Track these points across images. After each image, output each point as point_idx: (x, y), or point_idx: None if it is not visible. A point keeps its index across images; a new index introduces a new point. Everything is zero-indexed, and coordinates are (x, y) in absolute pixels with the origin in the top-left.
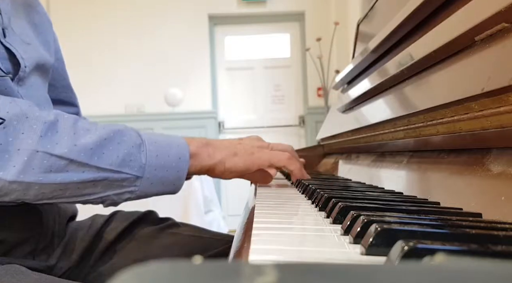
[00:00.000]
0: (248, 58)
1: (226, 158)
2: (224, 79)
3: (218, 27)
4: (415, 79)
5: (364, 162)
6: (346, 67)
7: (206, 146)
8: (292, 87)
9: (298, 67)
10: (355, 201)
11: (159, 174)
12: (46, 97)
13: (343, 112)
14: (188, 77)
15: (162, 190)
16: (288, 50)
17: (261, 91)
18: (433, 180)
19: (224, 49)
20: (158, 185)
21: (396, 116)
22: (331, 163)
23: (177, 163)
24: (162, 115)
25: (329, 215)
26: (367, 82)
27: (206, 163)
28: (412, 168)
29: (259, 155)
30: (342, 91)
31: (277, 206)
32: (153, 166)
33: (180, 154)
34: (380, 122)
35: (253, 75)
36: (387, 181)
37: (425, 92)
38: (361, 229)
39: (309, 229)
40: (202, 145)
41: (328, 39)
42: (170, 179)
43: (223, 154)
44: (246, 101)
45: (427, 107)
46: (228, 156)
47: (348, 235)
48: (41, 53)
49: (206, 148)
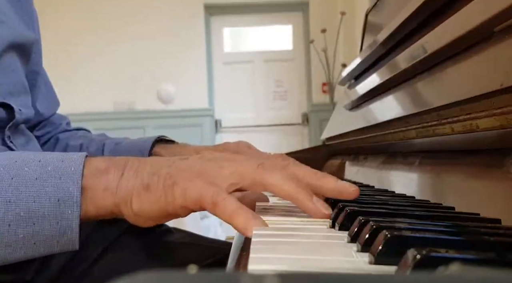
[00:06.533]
0: (248, 51)
1: (134, 192)
2: (221, 74)
3: (215, 17)
4: (428, 74)
5: (373, 163)
6: (353, 61)
7: (105, 171)
8: (295, 83)
9: (301, 61)
10: (363, 205)
11: (19, 230)
12: (23, 84)
13: (350, 110)
14: (182, 72)
15: (34, 253)
16: (290, 42)
17: (261, 87)
18: (448, 183)
19: (222, 42)
20: (23, 247)
21: (407, 114)
22: (337, 164)
23: (55, 208)
24: (154, 113)
25: (335, 221)
26: (376, 77)
27: (102, 203)
28: (424, 170)
29: (178, 189)
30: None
31: (279, 211)
32: (6, 221)
33: (61, 191)
34: (390, 120)
35: (252, 69)
36: (398, 184)
37: (439, 88)
38: (369, 236)
39: (313, 236)
40: (100, 170)
41: (334, 30)
42: (46, 235)
43: (131, 184)
44: (245, 98)
45: (441, 104)
46: (137, 189)
47: (355, 242)
48: (19, 31)
49: (104, 176)
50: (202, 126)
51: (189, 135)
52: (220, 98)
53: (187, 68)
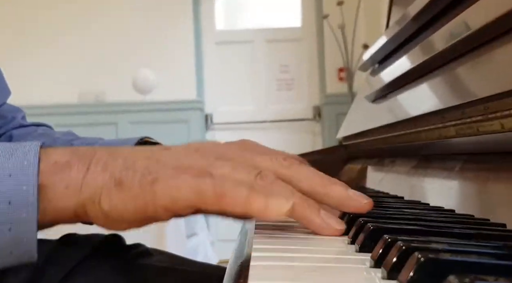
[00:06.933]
0: (246, 28)
1: (103, 189)
2: (213, 57)
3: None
4: (472, 56)
5: (402, 168)
6: (377, 41)
7: (67, 165)
8: (304, 68)
9: (312, 41)
10: (389, 221)
11: None
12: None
13: (374, 102)
14: (164, 55)
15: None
16: (299, 18)
17: (262, 74)
18: (497, 193)
19: (213, 17)
20: None
21: (445, 107)
22: (357, 169)
23: (6, 211)
24: (129, 106)
25: (355, 240)
26: (406, 60)
27: (64, 204)
28: (467, 177)
29: (160, 186)
30: (372, 73)
31: (284, 227)
32: None
33: (13, 191)
34: (423, 115)
35: (252, 51)
36: (433, 195)
37: (487, 75)
38: (397, 259)
39: (326, 259)
40: (60, 164)
41: (354, 2)
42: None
43: (99, 180)
44: (242, 87)
45: (488, 94)
46: (107, 185)
47: (380, 267)
48: None
49: (66, 171)
50: (189, 122)
51: (172, 133)
52: (211, 87)
53: (170, 50)
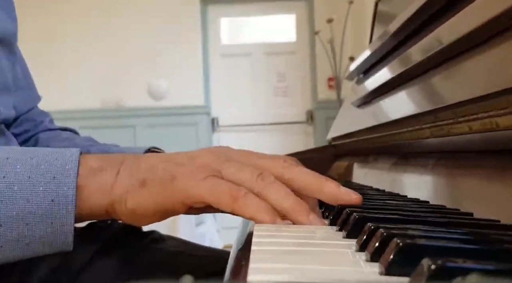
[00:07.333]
0: (247, 43)
1: (129, 190)
2: (219, 68)
3: (211, 6)
4: (444, 68)
5: (383, 165)
6: (362, 54)
7: (100, 170)
8: (298, 77)
9: (305, 54)
10: (372, 211)
11: (12, 230)
12: (6, 82)
13: (359, 107)
14: (176, 66)
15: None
16: (293, 33)
17: (261, 82)
18: (465, 186)
19: (219, 33)
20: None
21: (421, 112)
22: (344, 166)
23: (49, 208)
24: (145, 111)
25: (342, 227)
26: (387, 71)
27: (97, 203)
28: (440, 173)
29: (178, 183)
30: (357, 82)
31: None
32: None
33: (55, 191)
34: (402, 118)
35: (252, 63)
36: (411, 188)
37: (456, 83)
38: (379, 244)
39: (318, 244)
40: (95, 169)
41: (341, 20)
42: (39, 235)
43: (126, 183)
44: (244, 94)
45: (457, 101)
46: (133, 186)
47: (364, 251)
48: (1, 23)
49: (99, 175)
50: (198, 125)
51: (183, 135)
52: (217, 94)
53: (180, 61)
